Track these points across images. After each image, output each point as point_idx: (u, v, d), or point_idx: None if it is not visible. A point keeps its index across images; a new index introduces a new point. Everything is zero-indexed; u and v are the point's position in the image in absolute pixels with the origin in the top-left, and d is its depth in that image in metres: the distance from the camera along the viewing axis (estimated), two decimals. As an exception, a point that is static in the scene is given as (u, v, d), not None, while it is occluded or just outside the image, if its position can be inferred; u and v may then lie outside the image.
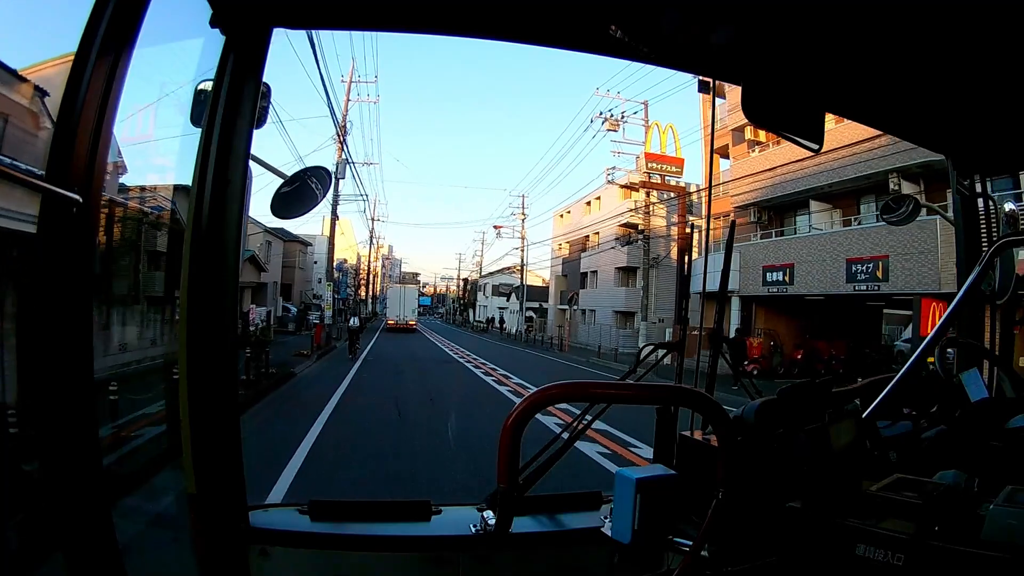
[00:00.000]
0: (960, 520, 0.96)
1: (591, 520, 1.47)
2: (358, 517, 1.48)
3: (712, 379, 1.68)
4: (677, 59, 1.53)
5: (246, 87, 1.28)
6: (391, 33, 1.52)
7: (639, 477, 0.97)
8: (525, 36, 1.44)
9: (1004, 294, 1.94)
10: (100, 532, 1.07)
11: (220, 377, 1.28)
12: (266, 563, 1.32)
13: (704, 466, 1.20)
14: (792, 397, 1.16)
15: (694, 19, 1.24)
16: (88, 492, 1.06)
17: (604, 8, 1.23)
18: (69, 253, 1.00)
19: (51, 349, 1.01)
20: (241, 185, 1.28)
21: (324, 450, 6.72)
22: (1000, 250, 1.79)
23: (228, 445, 1.29)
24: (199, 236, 1.24)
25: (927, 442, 1.35)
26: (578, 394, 1.13)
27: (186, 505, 1.26)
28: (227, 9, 1.23)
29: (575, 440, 1.47)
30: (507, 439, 0.96)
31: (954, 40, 1.22)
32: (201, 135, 1.28)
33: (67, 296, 1.01)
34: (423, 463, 6.34)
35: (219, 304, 1.26)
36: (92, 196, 1.00)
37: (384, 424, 8.48)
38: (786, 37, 1.30)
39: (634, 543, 0.96)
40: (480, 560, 1.38)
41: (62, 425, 1.02)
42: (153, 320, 7.53)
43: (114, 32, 1.01)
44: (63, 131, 0.98)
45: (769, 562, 1.06)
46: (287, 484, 5.41)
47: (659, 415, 1.48)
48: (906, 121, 1.75)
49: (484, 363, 19.29)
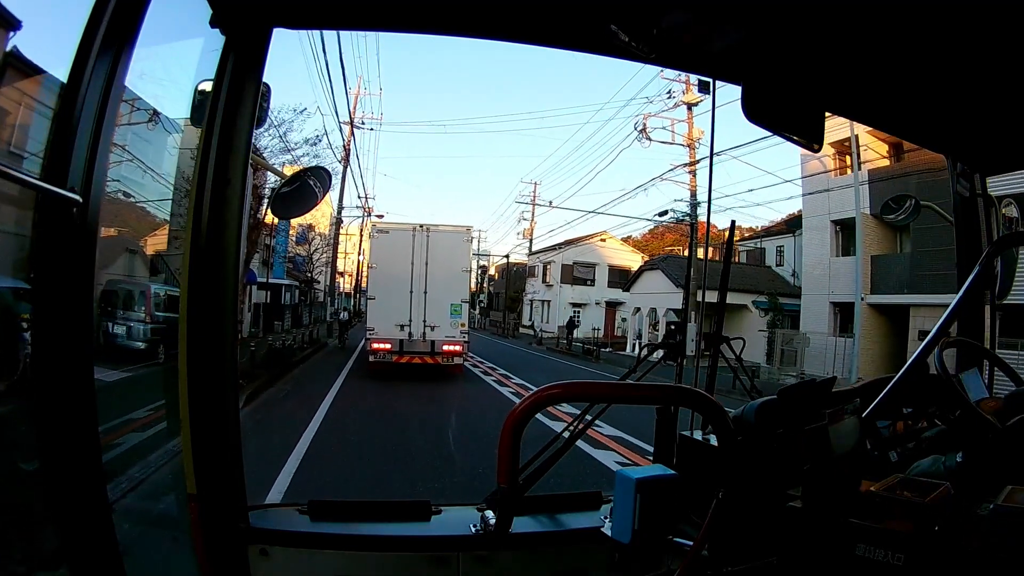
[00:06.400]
0: (960, 520, 0.96)
1: (591, 520, 1.47)
2: (358, 517, 1.48)
3: (712, 379, 1.68)
4: (677, 59, 1.52)
5: (246, 87, 1.28)
6: (391, 33, 1.52)
7: (639, 477, 0.97)
8: (525, 36, 1.44)
9: (1004, 294, 1.94)
10: (100, 532, 1.07)
11: (220, 377, 1.28)
12: (266, 563, 1.32)
13: (704, 466, 1.20)
14: (792, 397, 1.16)
15: (694, 19, 1.24)
16: (88, 492, 1.06)
17: (604, 8, 1.23)
18: (69, 253, 1.00)
19: (51, 349, 1.01)
20: (241, 185, 1.28)
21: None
22: (999, 250, 1.79)
23: (228, 445, 1.29)
24: (199, 235, 1.24)
25: (927, 442, 1.35)
26: (579, 394, 1.14)
27: (186, 505, 1.26)
28: (227, 9, 1.23)
29: (575, 440, 1.47)
30: (507, 439, 0.97)
31: (954, 40, 1.21)
32: (201, 135, 1.28)
33: (67, 296, 1.01)
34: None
35: (219, 304, 1.26)
36: (92, 196, 1.00)
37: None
38: (786, 37, 1.30)
39: (634, 543, 0.96)
40: (480, 560, 1.38)
41: (62, 425, 1.02)
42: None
43: (114, 32, 1.01)
44: (63, 131, 0.98)
45: (769, 562, 1.06)
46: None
47: (659, 415, 1.48)
48: (906, 121, 1.75)
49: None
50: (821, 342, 16.94)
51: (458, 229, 13.12)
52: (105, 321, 8.27)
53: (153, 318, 9.02)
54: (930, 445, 1.33)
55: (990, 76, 1.34)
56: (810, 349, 16.99)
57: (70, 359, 1.03)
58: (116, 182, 5.34)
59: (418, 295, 12.41)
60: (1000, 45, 1.20)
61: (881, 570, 0.93)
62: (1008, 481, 1.02)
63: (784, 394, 1.17)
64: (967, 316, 1.90)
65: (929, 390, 1.44)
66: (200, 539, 1.27)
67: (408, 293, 12.36)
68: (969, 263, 1.91)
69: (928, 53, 1.28)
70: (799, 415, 1.14)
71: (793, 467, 1.09)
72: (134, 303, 9.09)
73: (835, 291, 18.04)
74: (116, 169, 4.85)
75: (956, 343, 1.61)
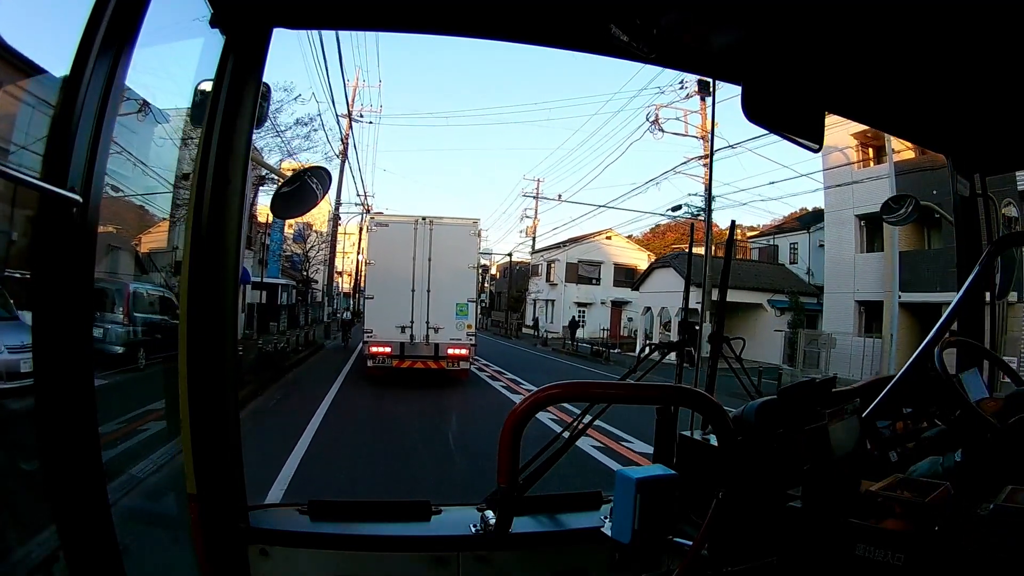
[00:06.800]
0: (960, 520, 0.96)
1: (591, 520, 1.47)
2: (358, 517, 1.48)
3: (712, 379, 1.68)
4: (677, 59, 1.53)
5: (246, 87, 1.28)
6: (391, 33, 1.52)
7: (639, 477, 0.97)
8: (525, 36, 1.45)
9: (1004, 294, 1.94)
10: (100, 532, 1.07)
11: (220, 377, 1.28)
12: (266, 563, 1.32)
13: (704, 466, 1.20)
14: (792, 397, 1.16)
15: (694, 19, 1.24)
16: (88, 492, 1.06)
17: (604, 8, 1.23)
18: (69, 253, 1.00)
19: (51, 349, 1.01)
20: (241, 185, 1.29)
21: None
22: (999, 249, 1.79)
23: (228, 445, 1.30)
24: (199, 235, 1.24)
25: (927, 442, 1.35)
26: (579, 394, 1.14)
27: (186, 505, 1.26)
28: (227, 9, 1.23)
29: (575, 440, 1.47)
30: (507, 439, 0.97)
31: (954, 40, 1.22)
32: (201, 135, 1.28)
33: (67, 297, 1.01)
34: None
35: (219, 304, 1.27)
36: (91, 196, 1.00)
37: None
38: (786, 37, 1.30)
39: (634, 543, 0.96)
40: (480, 560, 1.38)
41: (62, 425, 1.02)
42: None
43: (114, 32, 1.01)
44: (62, 131, 0.98)
45: (769, 562, 1.06)
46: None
47: (659, 415, 1.48)
48: (906, 121, 1.75)
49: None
50: (845, 342, 16.13)
51: (464, 221, 11.93)
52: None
53: (132, 320, 8.01)
54: (930, 445, 1.33)
55: (989, 76, 1.34)
56: (835, 350, 15.95)
57: (70, 359, 1.03)
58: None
59: (420, 294, 11.38)
60: (1000, 45, 1.20)
61: (881, 570, 0.93)
62: (1008, 481, 1.02)
63: (784, 394, 1.17)
64: (967, 316, 1.90)
65: (929, 390, 1.44)
66: (200, 539, 1.27)
67: (410, 292, 11.34)
68: (969, 263, 1.91)
69: (928, 53, 1.29)
70: (799, 415, 1.14)
71: (793, 467, 1.09)
72: (110, 304, 8.07)
73: (860, 289, 17.34)
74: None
75: (956, 343, 1.61)
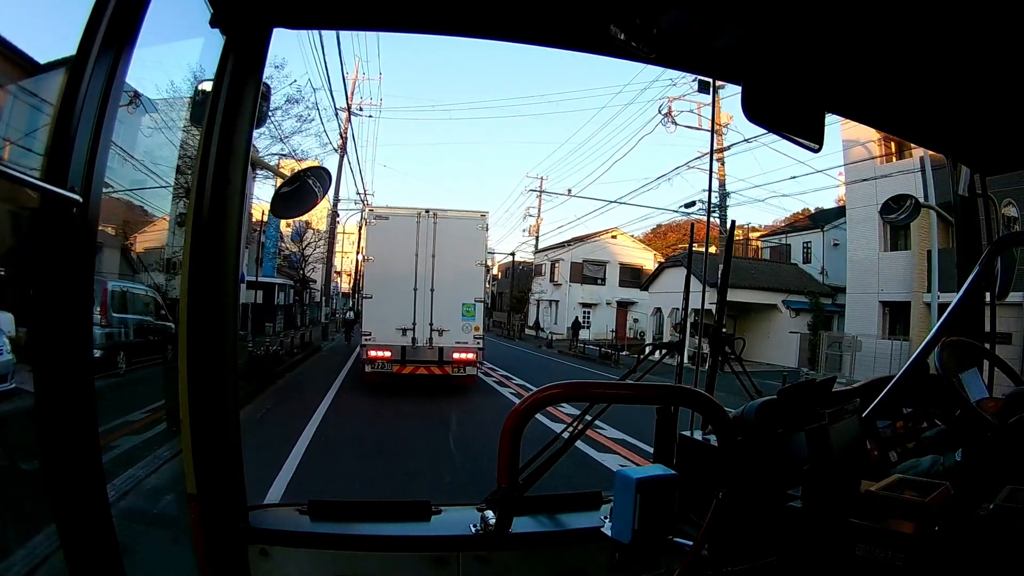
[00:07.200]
0: (960, 520, 0.96)
1: (591, 520, 1.47)
2: (358, 517, 1.48)
3: (712, 379, 1.68)
4: (677, 59, 1.53)
5: (246, 87, 1.28)
6: (391, 33, 1.52)
7: (639, 477, 0.97)
8: (525, 36, 1.45)
9: (1004, 294, 1.94)
10: (100, 532, 1.07)
11: (220, 377, 1.28)
12: (266, 563, 1.32)
13: (704, 466, 1.20)
14: (792, 397, 1.16)
15: (694, 19, 1.24)
16: (88, 492, 1.06)
17: (604, 8, 1.23)
18: (69, 254, 1.00)
19: (51, 350, 1.01)
20: (241, 185, 1.29)
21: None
22: (999, 249, 1.79)
23: (228, 445, 1.30)
24: (199, 236, 1.24)
25: (927, 442, 1.35)
26: (579, 394, 1.14)
27: (186, 505, 1.26)
28: (227, 9, 1.23)
29: (575, 440, 1.47)
30: (507, 439, 0.97)
31: (954, 40, 1.21)
32: (201, 135, 1.28)
33: (67, 297, 1.01)
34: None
35: (219, 304, 1.27)
36: (92, 196, 1.00)
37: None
38: (786, 37, 1.30)
39: (634, 543, 0.95)
40: (480, 560, 1.38)
41: (62, 425, 1.02)
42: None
43: (114, 32, 1.01)
44: (62, 131, 0.98)
45: (769, 562, 1.06)
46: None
47: (659, 415, 1.48)
48: (906, 121, 1.75)
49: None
50: (869, 345, 15.48)
51: (471, 214, 10.90)
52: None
53: (109, 321, 7.28)
54: (930, 445, 1.34)
55: (990, 76, 1.34)
56: (860, 353, 15.28)
57: (70, 359, 1.03)
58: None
59: (423, 293, 10.40)
60: (1000, 45, 1.20)
61: (881, 570, 0.93)
62: (1008, 481, 1.02)
63: (784, 394, 1.17)
64: (967, 316, 1.90)
65: (929, 390, 1.44)
66: (200, 539, 1.27)
67: (411, 291, 10.36)
68: (969, 263, 1.91)
69: (928, 53, 1.29)
70: (799, 415, 1.14)
71: (793, 467, 1.09)
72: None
73: (885, 289, 16.61)
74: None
75: (956, 343, 1.61)
